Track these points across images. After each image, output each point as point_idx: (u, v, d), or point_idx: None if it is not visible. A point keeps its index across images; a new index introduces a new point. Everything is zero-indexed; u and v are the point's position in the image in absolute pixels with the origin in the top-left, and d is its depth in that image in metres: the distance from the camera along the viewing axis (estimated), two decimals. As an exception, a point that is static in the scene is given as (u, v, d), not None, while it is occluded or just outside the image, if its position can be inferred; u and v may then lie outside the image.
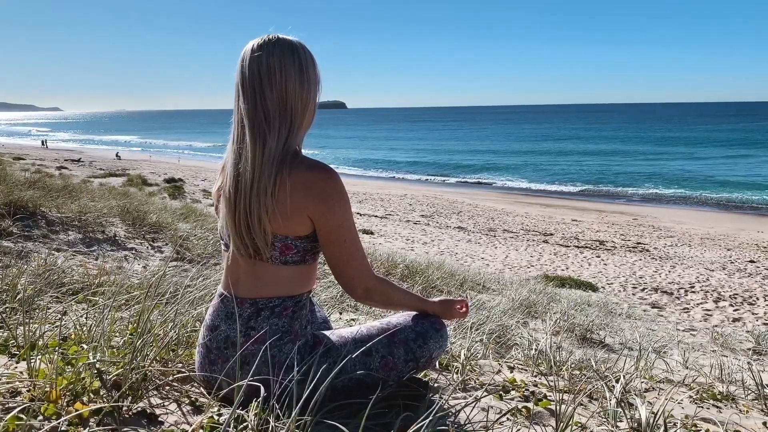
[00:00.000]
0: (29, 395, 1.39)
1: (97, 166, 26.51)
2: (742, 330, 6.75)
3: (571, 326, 4.66)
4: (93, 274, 3.13)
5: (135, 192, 11.22)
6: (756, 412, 2.10)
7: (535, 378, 2.24)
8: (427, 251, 11.80)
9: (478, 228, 16.81)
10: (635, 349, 4.11)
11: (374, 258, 6.41)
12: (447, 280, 6.03)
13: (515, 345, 3.42)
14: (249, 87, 1.53)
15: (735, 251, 14.02)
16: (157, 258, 4.63)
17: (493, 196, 27.55)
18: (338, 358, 1.60)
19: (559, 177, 36.08)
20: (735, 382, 2.50)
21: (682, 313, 7.75)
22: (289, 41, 1.57)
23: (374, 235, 13.40)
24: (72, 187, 6.96)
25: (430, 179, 37.01)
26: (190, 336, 1.99)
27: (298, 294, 1.63)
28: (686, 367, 3.17)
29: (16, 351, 1.75)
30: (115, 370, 1.50)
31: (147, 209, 6.14)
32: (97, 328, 1.87)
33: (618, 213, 22.18)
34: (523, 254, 12.62)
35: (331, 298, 3.86)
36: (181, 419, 1.47)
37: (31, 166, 17.58)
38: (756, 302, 8.66)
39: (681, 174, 35.72)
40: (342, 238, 1.59)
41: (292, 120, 1.55)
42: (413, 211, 20.02)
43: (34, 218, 4.52)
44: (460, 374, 2.08)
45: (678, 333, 5.95)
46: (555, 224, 18.25)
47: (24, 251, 3.74)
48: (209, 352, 1.62)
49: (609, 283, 9.89)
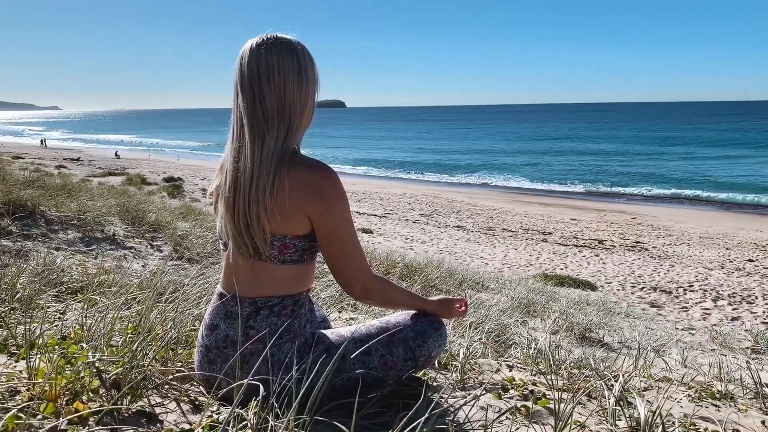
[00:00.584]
0: (28, 394, 1.39)
1: (96, 165, 26.48)
2: (741, 329, 6.76)
3: (570, 325, 4.66)
4: (92, 273, 3.13)
5: (134, 191, 11.21)
6: (754, 410, 2.10)
7: (534, 377, 2.24)
8: (426, 250, 11.81)
9: (477, 227, 16.81)
10: (634, 348, 4.11)
11: (373, 257, 6.41)
12: (446, 279, 6.03)
13: (514, 344, 3.43)
14: (248, 86, 1.53)
15: (734, 250, 14.04)
16: (156, 257, 4.63)
17: (492, 195, 27.56)
18: (337, 357, 1.60)
19: (558, 176, 36.08)
20: (734, 381, 2.51)
21: (681, 312, 7.76)
22: (287, 40, 1.57)
23: (373, 234, 13.40)
24: (71, 186, 6.96)
25: (429, 178, 37.01)
26: (189, 335, 1.99)
27: (297, 293, 1.63)
28: (685, 365, 3.18)
29: (15, 350, 1.75)
30: (114, 369, 1.50)
31: (146, 208, 6.14)
32: (96, 327, 1.87)
33: (617, 212, 22.19)
34: (522, 253, 12.63)
35: (330, 297, 3.86)
36: (180, 418, 1.47)
37: (30, 165, 17.56)
38: (755, 301, 8.66)
39: (680, 173, 35.73)
40: (341, 238, 1.60)
41: (290, 119, 1.55)
42: (412, 210, 20.02)
43: (33, 217, 4.51)
44: (459, 373, 2.08)
45: (677, 332, 5.96)
46: (554, 223, 18.26)
47: (23, 250, 3.74)
48: (208, 352, 1.63)
49: (608, 282, 9.89)
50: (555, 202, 25.63)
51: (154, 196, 11.57)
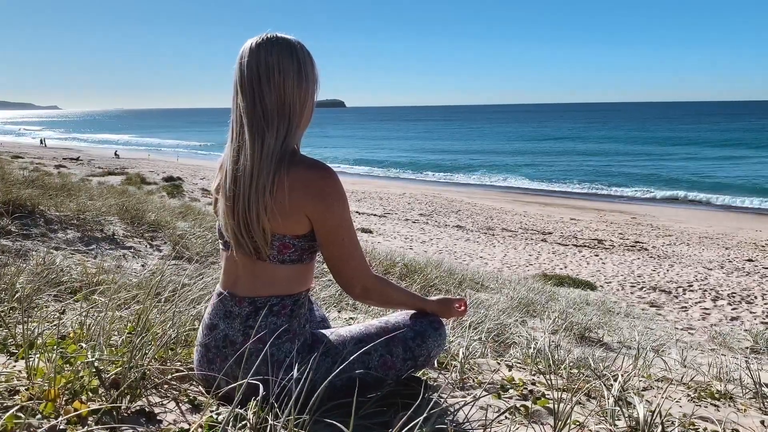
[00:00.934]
0: (28, 394, 1.39)
1: (95, 165, 26.46)
2: (740, 329, 6.76)
3: (569, 325, 4.66)
4: (91, 273, 3.13)
5: (134, 190, 11.21)
6: (754, 410, 2.10)
7: (534, 377, 2.24)
8: (425, 250, 11.81)
9: (477, 227, 16.81)
10: (633, 348, 4.11)
11: (373, 257, 6.41)
12: (445, 278, 6.03)
13: (514, 344, 3.43)
14: (248, 86, 1.53)
15: (733, 250, 14.04)
16: (155, 257, 4.63)
17: (491, 195, 27.56)
18: (337, 357, 1.60)
19: (558, 176, 36.08)
20: (733, 381, 2.51)
21: (681, 312, 7.76)
22: (287, 40, 1.57)
23: (373, 234, 13.40)
24: (70, 185, 6.96)
25: (429, 178, 37.00)
26: (188, 334, 1.99)
27: (297, 293, 1.63)
28: (684, 365, 3.18)
29: (14, 349, 1.75)
30: (113, 368, 1.50)
31: (146, 208, 6.13)
32: (95, 326, 1.87)
33: (616, 212, 22.20)
34: (521, 253, 12.63)
35: (330, 296, 3.86)
36: (179, 418, 1.47)
37: (30, 165, 17.55)
38: (754, 301, 8.67)
39: (679, 173, 35.74)
40: (340, 237, 1.60)
41: (290, 118, 1.55)
42: (412, 209, 20.02)
43: (33, 217, 4.51)
44: (458, 373, 2.08)
45: (676, 332, 5.97)
46: (553, 223, 18.26)
47: (22, 250, 3.73)
48: (208, 351, 1.63)
49: (607, 281, 9.90)
50: (554, 201, 25.63)
51: (154, 196, 11.57)
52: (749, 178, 32.73)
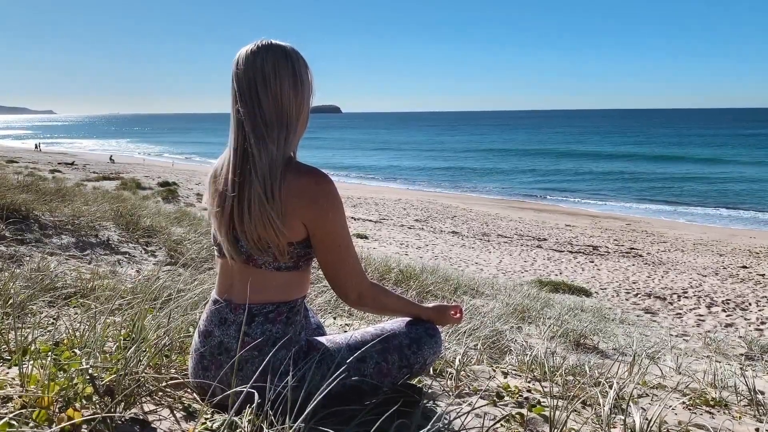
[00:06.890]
0: (21, 401, 1.38)
1: (90, 170, 26.38)
2: (735, 335, 6.78)
3: (564, 331, 4.66)
4: (86, 279, 3.12)
5: (129, 196, 11.17)
6: (748, 418, 2.11)
7: (529, 384, 2.24)
8: (421, 256, 11.80)
9: (472, 233, 16.83)
10: (629, 355, 4.12)
11: (368, 262, 6.40)
12: (441, 285, 6.03)
13: (509, 350, 3.43)
14: (246, 93, 1.53)
15: (727, 257, 14.10)
16: (150, 262, 4.61)
17: (486, 201, 27.60)
18: (332, 365, 1.59)
19: (554, 182, 36.19)
20: (728, 388, 2.51)
21: (675, 319, 7.78)
22: (281, 47, 1.57)
23: (368, 240, 13.38)
24: (65, 190, 6.93)
25: (425, 183, 37.03)
26: (183, 341, 1.98)
27: (293, 299, 1.63)
28: (679, 372, 3.18)
29: (7, 356, 1.74)
30: (107, 375, 1.49)
31: (141, 213, 6.11)
32: (89, 333, 1.86)
33: (611, 218, 22.27)
34: (516, 259, 12.64)
35: (325, 303, 3.86)
36: (174, 426, 1.46)
37: (24, 169, 17.49)
38: (748, 308, 8.70)
39: (675, 179, 35.89)
40: (336, 244, 1.59)
41: (287, 125, 1.56)
42: (407, 215, 20.03)
43: (27, 222, 4.49)
44: (454, 380, 2.07)
45: (671, 338, 5.98)
46: (548, 229, 18.30)
47: (16, 255, 3.71)
48: (203, 358, 1.62)
49: (602, 288, 9.91)
50: (549, 208, 25.70)
51: (149, 201, 11.54)
52: (744, 184, 32.91)
